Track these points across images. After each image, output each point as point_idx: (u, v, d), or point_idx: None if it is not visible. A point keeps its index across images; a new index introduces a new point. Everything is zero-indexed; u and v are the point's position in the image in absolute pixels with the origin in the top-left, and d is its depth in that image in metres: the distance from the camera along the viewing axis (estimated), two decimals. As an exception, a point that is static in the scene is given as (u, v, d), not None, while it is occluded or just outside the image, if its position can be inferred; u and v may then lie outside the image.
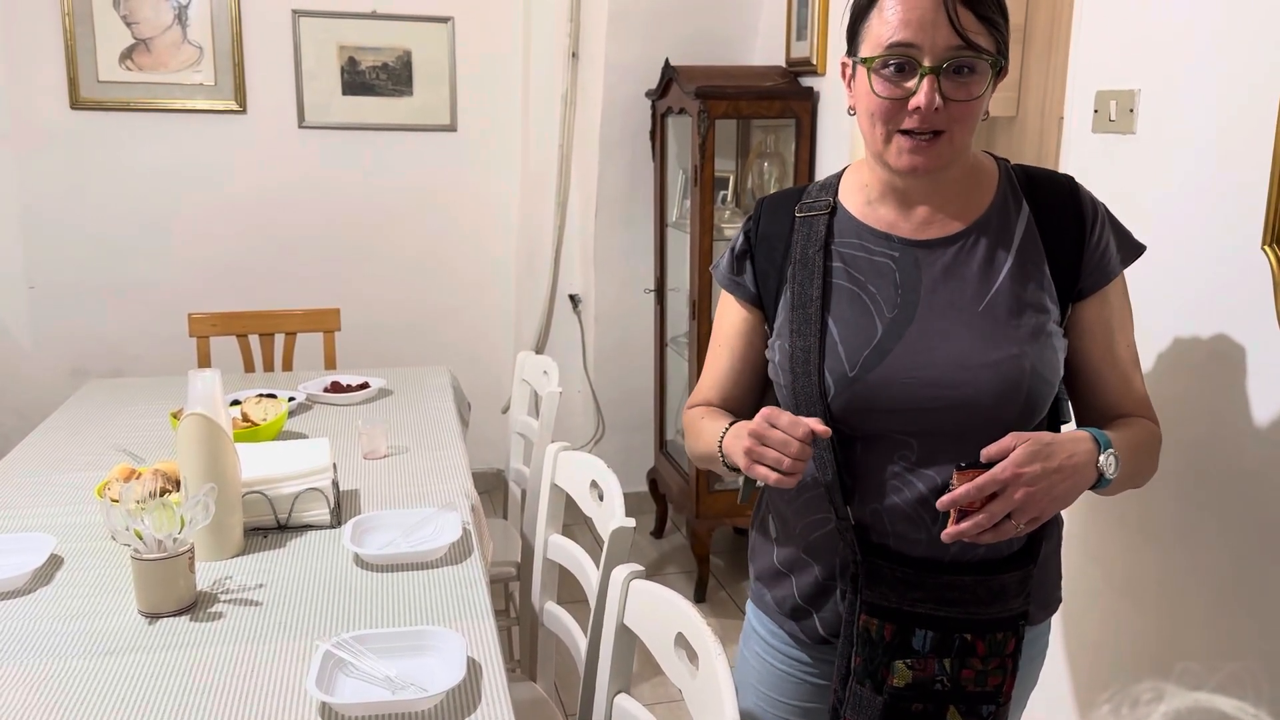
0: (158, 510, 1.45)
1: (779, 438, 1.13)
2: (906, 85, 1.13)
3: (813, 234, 1.27)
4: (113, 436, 2.29)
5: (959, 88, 1.13)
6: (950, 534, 1.12)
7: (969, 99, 1.14)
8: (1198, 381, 1.55)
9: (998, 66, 1.15)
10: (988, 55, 1.13)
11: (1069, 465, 1.12)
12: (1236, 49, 1.45)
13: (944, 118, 1.14)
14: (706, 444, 1.30)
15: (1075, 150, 1.78)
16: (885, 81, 1.15)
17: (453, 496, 1.95)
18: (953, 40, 1.11)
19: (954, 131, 1.15)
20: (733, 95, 3.01)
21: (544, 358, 2.57)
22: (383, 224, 3.82)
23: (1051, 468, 1.10)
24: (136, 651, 1.38)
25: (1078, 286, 1.24)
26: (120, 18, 3.44)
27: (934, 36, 1.11)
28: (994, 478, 1.09)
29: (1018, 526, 1.11)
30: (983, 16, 1.13)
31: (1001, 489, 1.09)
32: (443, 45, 3.73)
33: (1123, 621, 1.71)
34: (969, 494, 1.10)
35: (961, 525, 1.11)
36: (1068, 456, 1.12)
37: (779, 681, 1.39)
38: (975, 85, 1.14)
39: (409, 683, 1.28)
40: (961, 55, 1.12)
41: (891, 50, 1.13)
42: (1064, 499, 1.13)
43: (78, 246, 3.58)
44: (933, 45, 1.11)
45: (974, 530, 1.10)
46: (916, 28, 1.11)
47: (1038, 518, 1.12)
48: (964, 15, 1.11)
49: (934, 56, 1.12)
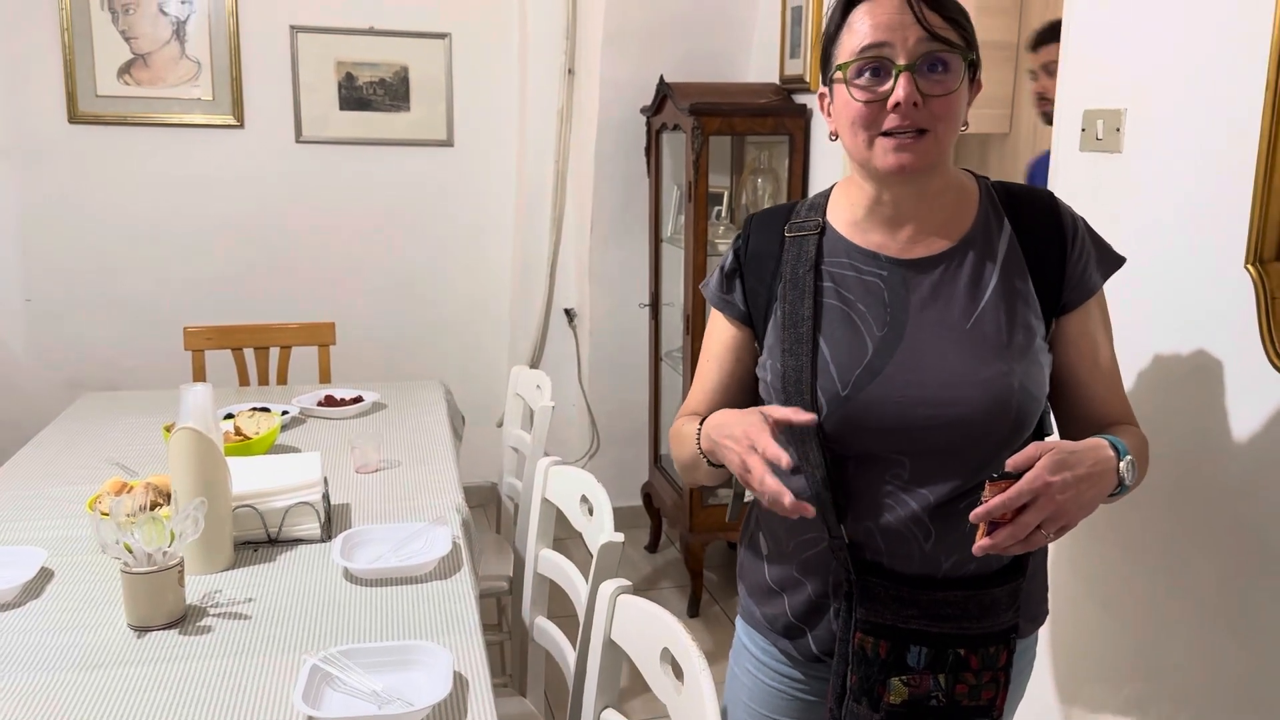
0: (147, 524, 1.46)
1: (758, 470, 1.12)
2: (884, 87, 1.16)
3: (803, 254, 1.28)
4: (106, 450, 2.30)
5: (935, 84, 1.15)
6: (981, 547, 1.10)
7: (946, 93, 1.16)
8: (1182, 398, 1.56)
9: (968, 60, 1.17)
10: (958, 48, 1.16)
11: (1095, 472, 1.12)
12: (1222, 69, 1.47)
13: (925, 115, 1.15)
14: (689, 449, 1.30)
15: (1063, 169, 1.80)
16: (863, 88, 1.17)
17: (444, 511, 1.95)
18: (922, 36, 1.14)
19: (936, 130, 1.17)
20: (726, 112, 3.03)
21: (538, 372, 2.58)
22: (379, 238, 3.83)
23: (1080, 475, 1.10)
24: (125, 665, 1.39)
25: (1061, 302, 1.25)
26: (119, 32, 3.46)
27: (905, 35, 1.14)
28: (1027, 487, 1.08)
29: (1047, 535, 1.11)
30: (947, 16, 1.16)
31: (1032, 499, 1.08)
32: (440, 61, 3.76)
33: (1106, 634, 1.72)
34: (1002, 505, 1.09)
35: (995, 538, 1.10)
36: (1093, 464, 1.12)
37: (770, 698, 1.39)
38: (950, 80, 1.16)
39: (395, 697, 1.28)
40: (934, 49, 1.15)
41: (865, 52, 1.16)
42: (1090, 506, 1.13)
43: (75, 260, 3.59)
44: (904, 43, 1.14)
45: (1007, 542, 1.09)
46: (886, 29, 1.15)
47: (1066, 526, 1.12)
48: (930, 15, 1.15)
49: (907, 54, 1.14)
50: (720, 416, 1.24)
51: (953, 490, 1.21)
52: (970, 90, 1.20)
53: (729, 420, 1.21)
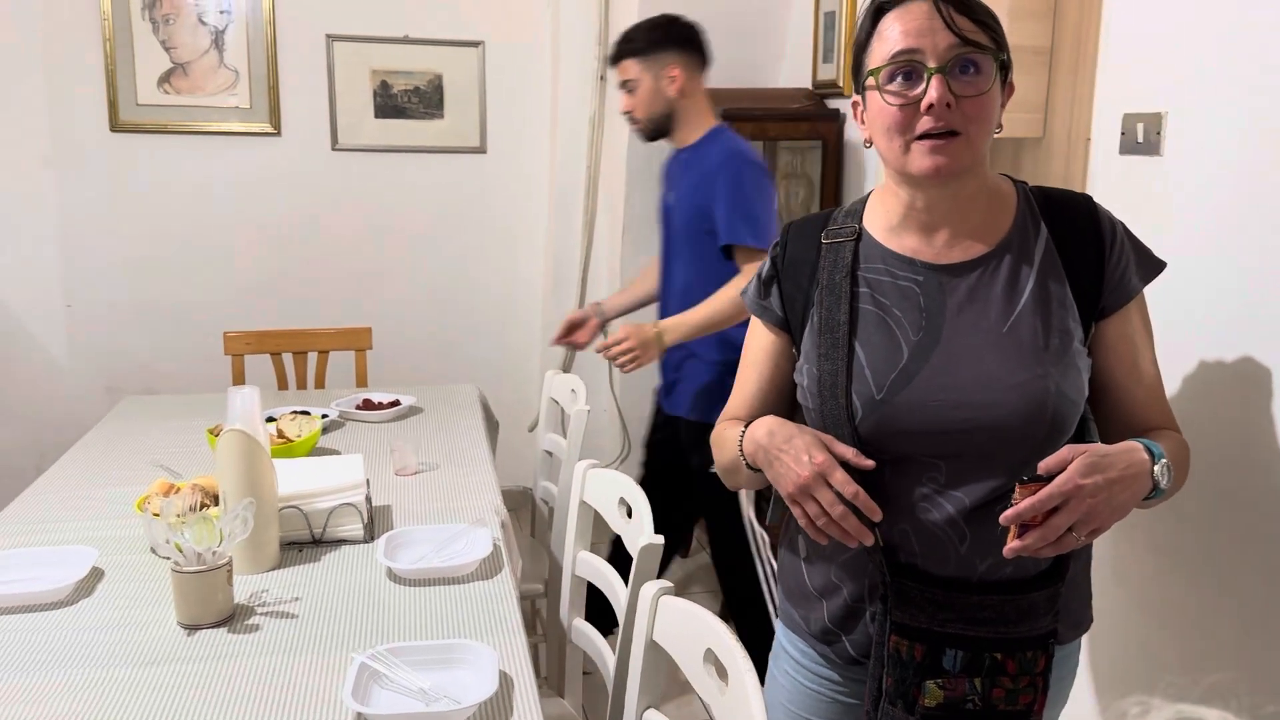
0: (198, 524, 1.48)
1: (829, 498, 1.19)
2: (916, 91, 1.17)
3: (839, 260, 1.29)
4: (148, 452, 2.33)
5: (967, 85, 1.16)
6: (1012, 549, 1.12)
7: (978, 94, 1.17)
8: (1226, 404, 1.55)
9: (999, 60, 1.18)
10: (989, 49, 1.17)
11: (1128, 475, 1.12)
12: (1262, 71, 1.46)
13: (959, 117, 1.16)
14: (730, 452, 1.33)
15: (1102, 172, 1.79)
16: (896, 93, 1.18)
17: (483, 513, 1.97)
18: (952, 40, 1.16)
19: (970, 132, 1.17)
20: (759, 117, 3.04)
21: (571, 376, 2.60)
22: (413, 244, 3.87)
23: (1112, 478, 1.11)
24: (175, 662, 1.41)
25: (1099, 305, 1.25)
26: (159, 42, 3.52)
27: (934, 40, 1.16)
28: (1057, 490, 1.09)
29: (1079, 538, 1.12)
30: (976, 19, 1.18)
31: (1063, 502, 1.09)
32: (473, 69, 3.79)
33: (1150, 644, 1.71)
34: (1032, 508, 1.09)
35: (1025, 540, 1.11)
36: (1125, 467, 1.12)
37: (808, 700, 1.39)
38: (982, 81, 1.17)
39: (442, 695, 1.30)
40: (964, 52, 1.16)
41: (896, 59, 1.17)
42: (1123, 509, 1.13)
43: (115, 266, 3.65)
44: (934, 47, 1.16)
45: (1037, 544, 1.10)
46: (916, 35, 1.16)
47: (1098, 529, 1.12)
48: (959, 18, 1.16)
49: (938, 58, 1.16)
50: (768, 423, 1.26)
51: (989, 493, 1.21)
52: (1003, 93, 1.21)
53: (777, 429, 1.23)
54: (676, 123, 2.52)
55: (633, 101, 2.51)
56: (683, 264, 2.51)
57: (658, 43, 2.47)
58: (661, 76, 2.46)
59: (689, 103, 2.50)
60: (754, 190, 2.39)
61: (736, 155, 2.42)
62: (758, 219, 2.37)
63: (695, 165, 2.47)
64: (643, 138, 2.59)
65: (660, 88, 2.47)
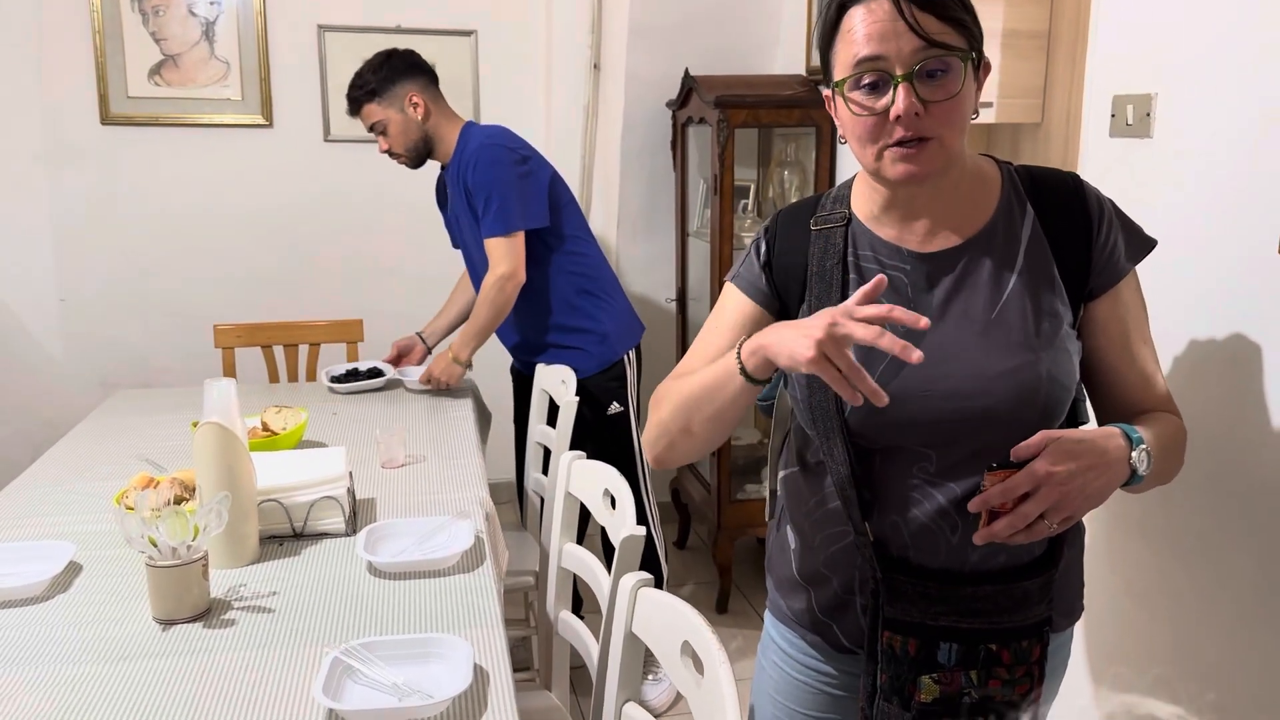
0: (171, 518, 1.47)
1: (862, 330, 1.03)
2: (883, 101, 1.12)
3: (829, 247, 1.26)
4: (136, 446, 2.32)
5: (935, 89, 1.12)
6: (982, 535, 1.11)
7: (948, 98, 1.12)
8: (1217, 387, 1.53)
9: (969, 60, 1.13)
10: (957, 51, 1.12)
11: (1102, 463, 1.10)
12: (1253, 53, 1.43)
13: (929, 123, 1.12)
14: (711, 375, 1.22)
15: (1093, 155, 1.77)
16: (862, 102, 1.14)
17: (468, 505, 1.95)
18: (917, 44, 1.10)
19: (942, 136, 1.13)
20: (752, 104, 3.01)
21: (562, 367, 2.58)
22: (406, 236, 3.84)
23: (1084, 465, 1.09)
24: (149, 658, 1.40)
25: (1088, 287, 1.22)
26: (149, 34, 3.50)
27: (899, 45, 1.10)
28: (1025, 477, 1.07)
29: (1050, 526, 1.10)
30: (945, 17, 1.11)
31: (1034, 488, 1.08)
32: (466, 58, 3.76)
33: (1143, 630, 1.69)
34: (1000, 495, 1.08)
35: (994, 526, 1.09)
36: (1100, 454, 1.11)
37: (797, 692, 1.37)
38: (951, 84, 1.12)
39: (415, 690, 1.28)
40: (929, 56, 1.11)
41: (861, 66, 1.12)
42: (1097, 497, 1.12)
43: (108, 259, 3.63)
44: (899, 52, 1.10)
45: (1007, 531, 1.09)
46: (879, 40, 1.11)
47: (1071, 516, 1.11)
48: (924, 19, 1.10)
49: (903, 64, 1.11)
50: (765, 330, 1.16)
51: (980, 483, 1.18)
52: (978, 77, 1.16)
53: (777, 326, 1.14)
54: (434, 142, 2.70)
55: (389, 140, 2.68)
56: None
57: (388, 79, 2.63)
58: (405, 108, 2.64)
59: (437, 119, 2.68)
60: (491, 178, 2.54)
61: (477, 149, 2.59)
62: (503, 205, 2.54)
63: (458, 175, 2.65)
64: (411, 167, 2.77)
65: (409, 118, 2.65)
